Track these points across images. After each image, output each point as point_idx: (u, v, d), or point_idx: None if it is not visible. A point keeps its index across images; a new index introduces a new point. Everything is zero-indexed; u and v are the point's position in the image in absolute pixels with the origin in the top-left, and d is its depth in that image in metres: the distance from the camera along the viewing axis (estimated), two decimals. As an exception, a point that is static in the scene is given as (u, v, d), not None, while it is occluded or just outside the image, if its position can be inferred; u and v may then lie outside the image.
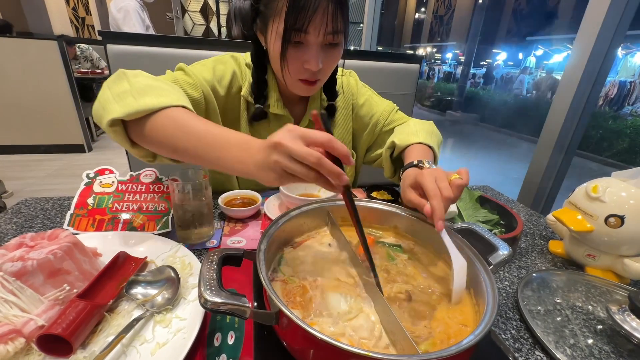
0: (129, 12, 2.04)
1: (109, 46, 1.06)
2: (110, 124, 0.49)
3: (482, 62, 11.94)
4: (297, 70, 0.65)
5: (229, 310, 0.33)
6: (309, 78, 0.66)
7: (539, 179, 1.09)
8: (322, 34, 0.60)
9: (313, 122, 0.43)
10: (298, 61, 0.63)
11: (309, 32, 0.59)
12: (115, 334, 0.39)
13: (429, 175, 0.50)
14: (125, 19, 2.07)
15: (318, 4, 0.57)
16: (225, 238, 0.66)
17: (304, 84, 0.67)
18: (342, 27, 0.61)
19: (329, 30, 0.59)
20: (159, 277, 0.48)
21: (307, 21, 0.57)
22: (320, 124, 0.42)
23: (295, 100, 0.79)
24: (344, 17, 0.61)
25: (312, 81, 0.67)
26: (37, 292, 0.41)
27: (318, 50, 0.62)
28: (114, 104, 0.49)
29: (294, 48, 0.62)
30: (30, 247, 0.45)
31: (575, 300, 0.52)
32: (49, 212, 0.73)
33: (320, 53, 0.62)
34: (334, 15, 0.58)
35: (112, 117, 0.48)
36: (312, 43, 0.61)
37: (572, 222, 0.59)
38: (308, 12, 0.57)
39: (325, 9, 0.57)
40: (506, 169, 4.49)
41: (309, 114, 0.78)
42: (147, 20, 2.21)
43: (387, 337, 0.37)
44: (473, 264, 0.43)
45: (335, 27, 0.60)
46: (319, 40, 0.61)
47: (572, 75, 0.99)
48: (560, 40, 10.44)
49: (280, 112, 0.76)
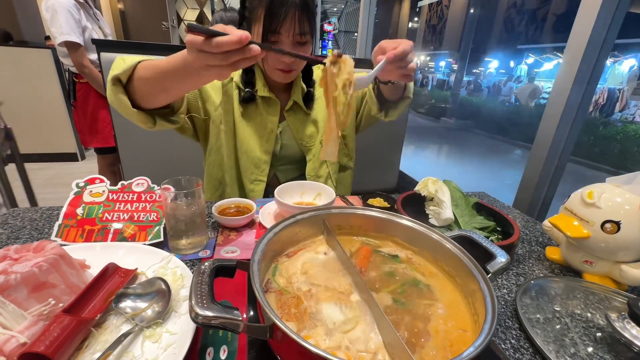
0: (56, 11, 1.75)
1: (102, 54, 1.05)
2: (113, 83, 0.65)
3: (475, 70, 12.14)
4: (275, 62, 0.81)
5: (220, 324, 0.32)
6: (285, 68, 0.81)
7: (533, 185, 1.09)
8: (291, 34, 0.76)
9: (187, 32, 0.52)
10: (274, 56, 0.79)
11: (281, 34, 0.76)
12: (102, 350, 0.38)
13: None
14: (53, 18, 1.77)
15: (287, 12, 0.73)
16: (219, 247, 0.65)
17: (281, 72, 0.82)
18: (308, 29, 0.77)
19: (297, 31, 0.76)
20: (149, 289, 0.47)
21: (280, 25, 0.74)
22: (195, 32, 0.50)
23: (280, 88, 0.93)
24: (310, 21, 0.77)
25: (287, 70, 0.82)
26: (20, 307, 0.39)
27: (290, 47, 0.78)
28: (114, 71, 0.65)
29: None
30: (14, 259, 0.43)
31: (574, 307, 0.52)
32: (37, 222, 0.71)
33: (292, 49, 0.77)
34: (300, 20, 0.75)
35: (113, 75, 0.64)
36: (284, 42, 0.77)
37: (568, 229, 0.59)
38: (280, 19, 0.73)
39: (293, 16, 0.74)
40: (500, 175, 4.53)
41: (293, 96, 0.93)
42: (84, 20, 1.88)
43: (385, 349, 0.36)
44: (470, 271, 0.42)
45: (302, 29, 0.76)
46: (289, 40, 0.77)
47: (563, 83, 1.00)
48: (551, 48, 10.69)
49: (267, 94, 0.90)
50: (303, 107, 0.94)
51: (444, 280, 0.48)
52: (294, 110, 0.94)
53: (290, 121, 0.94)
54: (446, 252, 0.48)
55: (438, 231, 0.50)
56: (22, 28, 4.30)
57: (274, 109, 0.91)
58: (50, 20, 1.78)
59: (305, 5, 0.75)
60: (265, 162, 0.93)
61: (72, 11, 1.79)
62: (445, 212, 0.74)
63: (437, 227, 0.68)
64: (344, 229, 0.56)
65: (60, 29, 1.77)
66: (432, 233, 0.50)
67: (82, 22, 1.86)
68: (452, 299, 0.44)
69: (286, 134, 0.95)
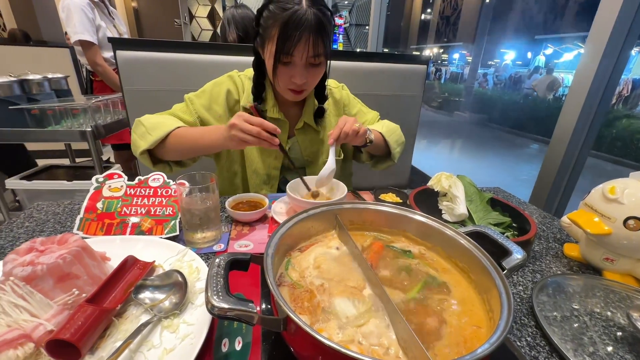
0: (70, 10, 1.80)
1: (118, 52, 1.08)
2: (141, 154, 0.78)
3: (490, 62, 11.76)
4: (286, 83, 0.80)
5: (236, 316, 0.32)
6: (296, 88, 0.81)
7: (551, 180, 1.06)
8: (304, 57, 0.74)
9: (253, 113, 0.76)
10: (286, 76, 0.78)
11: (294, 55, 0.74)
12: (123, 339, 0.39)
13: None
14: (68, 18, 1.83)
15: (302, 35, 0.71)
16: (232, 241, 0.66)
17: (292, 92, 0.82)
18: (322, 51, 0.76)
19: (311, 54, 0.74)
20: (167, 281, 0.48)
21: (293, 47, 0.72)
22: (257, 113, 0.77)
23: (290, 104, 0.91)
24: (324, 43, 0.75)
25: (298, 91, 0.82)
26: (47, 297, 0.41)
27: (302, 68, 0.77)
28: (140, 141, 0.78)
29: (283, 66, 0.77)
30: (40, 251, 0.46)
31: (593, 306, 0.50)
32: (60, 216, 0.74)
33: (304, 71, 0.77)
34: (315, 43, 0.73)
35: (141, 150, 0.77)
36: (297, 63, 0.76)
37: (588, 225, 0.57)
38: (294, 41, 0.71)
39: (308, 39, 0.72)
40: (515, 170, 4.41)
41: (304, 116, 0.93)
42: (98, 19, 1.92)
43: (398, 344, 0.36)
44: (485, 268, 0.42)
45: (316, 52, 0.74)
46: (302, 62, 0.76)
47: (585, 74, 0.96)
48: (571, 38, 10.23)
49: (276, 116, 0.90)
50: (314, 125, 0.94)
51: (458, 276, 0.47)
52: (304, 129, 0.94)
53: (300, 139, 0.95)
54: (460, 248, 0.47)
55: (452, 227, 0.49)
56: (41, 29, 4.43)
57: (283, 129, 0.91)
58: (65, 19, 1.85)
59: (321, 27, 0.72)
60: (275, 178, 0.95)
61: (86, 10, 1.84)
62: (459, 207, 0.73)
63: (450, 223, 0.67)
64: (356, 224, 0.56)
65: (75, 28, 1.82)
66: (446, 229, 0.50)
67: (96, 21, 1.91)
68: (465, 295, 0.44)
69: (294, 150, 0.96)
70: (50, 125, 1.48)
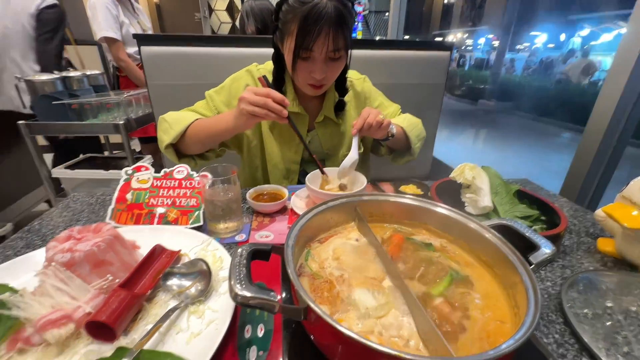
0: (95, 8, 1.85)
1: (142, 48, 1.11)
2: (166, 148, 0.81)
3: (519, 45, 11.08)
4: (306, 78, 0.80)
5: (258, 304, 0.33)
6: (315, 83, 0.80)
7: (585, 171, 1.00)
8: (324, 52, 0.74)
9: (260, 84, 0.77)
10: (306, 71, 0.78)
11: (313, 50, 0.73)
12: (153, 322, 0.42)
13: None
14: (93, 16, 1.88)
15: (321, 29, 0.70)
16: (253, 232, 0.67)
17: (312, 87, 0.82)
18: (342, 45, 0.74)
19: (330, 49, 0.73)
20: (192, 269, 0.50)
21: (312, 42, 0.71)
22: (264, 83, 0.76)
23: (310, 97, 0.90)
24: (345, 36, 0.74)
25: (318, 86, 0.81)
26: (84, 282, 0.44)
27: (322, 63, 0.76)
28: (164, 136, 0.81)
29: (303, 61, 0.76)
30: (77, 239, 0.49)
31: (629, 304, 0.48)
32: (93, 206, 0.78)
33: (324, 66, 0.77)
34: (335, 37, 0.72)
35: (166, 144, 0.80)
36: (317, 58, 0.76)
37: (626, 219, 0.54)
38: (313, 35, 0.70)
39: (327, 33, 0.71)
40: (545, 160, 4.19)
41: (324, 110, 0.92)
42: (121, 16, 1.96)
43: (418, 336, 0.35)
44: (511, 262, 0.40)
45: (336, 46, 0.73)
46: (322, 57, 0.75)
47: (626, 56, 0.89)
48: (610, 17, 9.44)
49: (296, 110, 0.89)
50: (334, 119, 0.93)
51: (481, 269, 0.46)
52: (324, 122, 0.94)
53: (320, 132, 0.94)
54: (484, 241, 0.46)
55: (475, 219, 0.48)
56: (71, 27, 4.64)
57: (303, 122, 0.91)
58: (91, 17, 1.93)
59: (341, 20, 0.71)
60: (294, 172, 0.95)
61: (110, 7, 1.90)
62: (484, 199, 0.70)
63: (474, 216, 0.65)
64: (375, 216, 0.56)
65: (99, 25, 1.89)
66: (469, 221, 0.48)
67: (120, 17, 1.97)
68: (489, 290, 0.42)
69: (314, 143, 0.96)
70: (87, 118, 1.58)
